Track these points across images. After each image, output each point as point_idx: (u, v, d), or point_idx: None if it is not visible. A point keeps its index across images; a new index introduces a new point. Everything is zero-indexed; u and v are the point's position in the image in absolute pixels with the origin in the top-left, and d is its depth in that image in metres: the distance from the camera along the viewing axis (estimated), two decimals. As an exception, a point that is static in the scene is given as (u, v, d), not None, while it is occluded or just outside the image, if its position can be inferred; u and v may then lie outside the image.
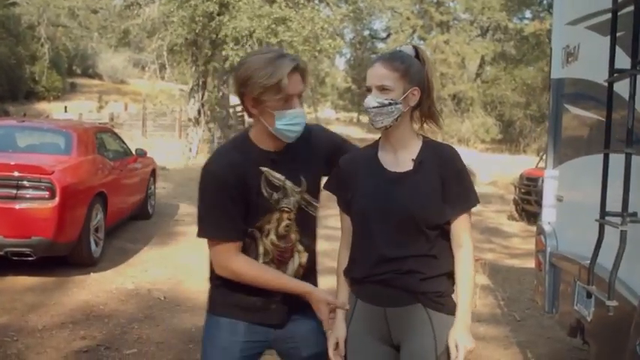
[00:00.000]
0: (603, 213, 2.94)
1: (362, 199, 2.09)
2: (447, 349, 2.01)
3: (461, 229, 2.09)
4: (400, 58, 2.04)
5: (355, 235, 2.13)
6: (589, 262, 3.39)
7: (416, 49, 2.10)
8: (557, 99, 4.37)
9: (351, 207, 2.12)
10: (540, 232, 4.43)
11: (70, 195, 5.81)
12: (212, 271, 2.22)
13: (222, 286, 2.20)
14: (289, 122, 2.09)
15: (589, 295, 3.09)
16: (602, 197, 2.93)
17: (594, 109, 3.67)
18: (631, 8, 2.73)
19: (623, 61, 2.95)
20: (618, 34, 3.05)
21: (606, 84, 3.07)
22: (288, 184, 2.15)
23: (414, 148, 2.10)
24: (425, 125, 2.16)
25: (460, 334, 2.02)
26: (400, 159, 2.09)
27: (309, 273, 2.25)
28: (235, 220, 2.09)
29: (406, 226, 2.02)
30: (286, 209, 2.15)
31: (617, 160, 2.96)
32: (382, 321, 2.08)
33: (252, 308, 2.14)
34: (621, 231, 2.74)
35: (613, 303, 2.70)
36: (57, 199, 5.62)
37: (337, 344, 2.14)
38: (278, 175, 2.14)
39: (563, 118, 4.32)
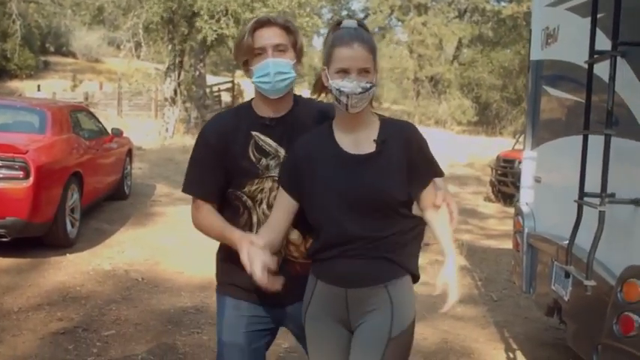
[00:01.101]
0: (582, 194, 2.97)
1: (323, 186, 2.01)
2: (402, 332, 2.01)
3: (431, 194, 2.10)
4: (369, 38, 1.97)
5: (317, 221, 2.04)
6: (567, 242, 3.44)
7: (360, 24, 2.01)
8: (536, 81, 4.39)
9: (309, 195, 2.03)
10: (518, 213, 4.47)
11: (44, 175, 5.71)
12: (219, 248, 2.29)
13: (223, 261, 2.26)
14: (260, 74, 2.09)
15: (567, 275, 3.13)
16: (580, 178, 2.96)
17: (573, 90, 3.69)
18: (613, -10, 2.74)
19: (604, 42, 2.97)
20: (599, 16, 3.06)
21: (586, 65, 3.09)
22: (281, 151, 2.14)
23: (373, 128, 2.05)
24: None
25: (452, 274, 2.05)
26: (361, 140, 2.03)
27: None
28: (208, 179, 2.15)
29: (374, 209, 1.98)
30: (277, 178, 2.13)
31: (596, 141, 2.99)
32: (342, 302, 2.04)
33: (249, 287, 2.11)
34: (600, 211, 2.77)
35: (591, 283, 2.74)
36: (31, 178, 5.52)
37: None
38: (269, 141, 2.14)
39: (541, 99, 4.34)
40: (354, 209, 1.98)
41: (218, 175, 2.14)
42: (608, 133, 2.75)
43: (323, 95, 2.15)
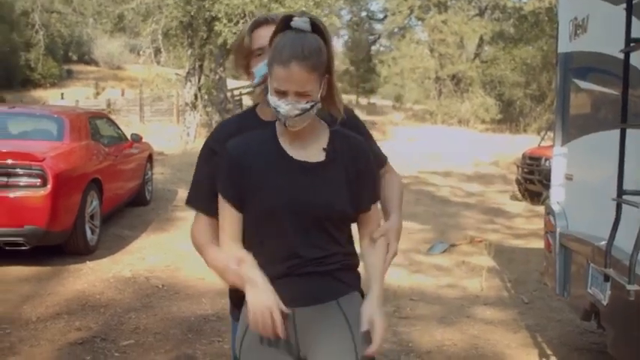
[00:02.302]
0: (620, 191, 2.78)
1: (270, 195, 1.79)
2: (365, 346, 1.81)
3: (371, 222, 1.92)
4: (312, 52, 1.70)
5: (259, 234, 1.83)
6: (604, 243, 3.25)
7: (313, 23, 1.74)
8: (565, 74, 4.20)
9: (252, 204, 1.81)
10: (549, 212, 4.28)
11: (62, 182, 5.65)
12: None
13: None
14: (260, 74, 1.96)
15: (606, 278, 2.94)
16: (619, 175, 2.78)
17: (607, 82, 3.50)
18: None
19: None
20: (634, 1, 2.88)
21: (621, 55, 2.91)
22: None
23: (322, 136, 1.86)
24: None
25: (376, 308, 1.82)
26: (308, 147, 1.84)
27: None
28: (207, 193, 1.95)
29: (323, 221, 1.80)
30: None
31: (634, 135, 2.81)
32: (289, 325, 1.79)
33: None
34: (641, 210, 2.58)
35: (634, 287, 2.55)
36: (49, 186, 5.46)
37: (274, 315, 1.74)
38: None
39: (571, 93, 4.15)
40: (301, 221, 1.78)
41: None
42: (647, 125, 2.57)
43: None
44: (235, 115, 2.20)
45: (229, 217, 1.84)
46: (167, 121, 23.09)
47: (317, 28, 1.75)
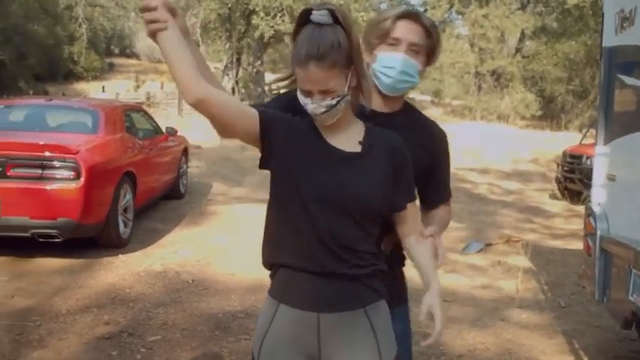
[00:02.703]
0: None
1: (300, 176, 1.71)
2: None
3: (411, 217, 1.84)
4: (330, 48, 1.62)
5: (282, 218, 1.75)
6: (647, 248, 3.10)
7: (333, 14, 1.64)
8: (610, 69, 4.01)
9: (281, 182, 1.74)
10: (590, 213, 4.11)
11: (96, 175, 5.67)
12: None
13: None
14: (385, 64, 1.94)
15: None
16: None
17: (654, 79, 3.32)
18: None
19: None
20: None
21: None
22: None
23: (358, 130, 1.80)
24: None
25: (437, 299, 1.74)
26: (344, 138, 1.77)
27: None
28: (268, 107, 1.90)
29: (353, 214, 1.71)
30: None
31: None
32: (312, 331, 1.72)
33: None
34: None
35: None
36: (82, 179, 5.47)
37: None
38: None
39: (615, 90, 3.96)
40: (331, 210, 1.69)
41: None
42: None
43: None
44: None
45: (244, 114, 1.71)
46: (204, 114, 23.19)
47: (337, 19, 1.66)
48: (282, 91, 2.02)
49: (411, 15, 1.96)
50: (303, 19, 1.68)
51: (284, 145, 1.73)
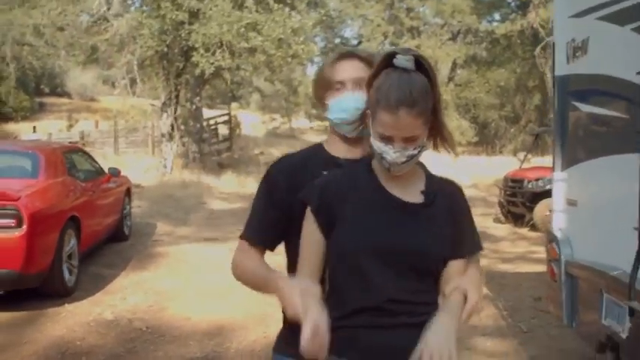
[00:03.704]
0: (643, 220, 2.63)
1: (361, 234, 1.63)
2: None
3: (458, 273, 1.70)
4: (420, 95, 1.57)
5: (344, 276, 1.65)
6: (619, 272, 3.11)
7: (418, 60, 1.60)
8: (563, 97, 4.08)
9: (340, 241, 1.65)
10: (552, 239, 4.12)
11: (38, 222, 5.37)
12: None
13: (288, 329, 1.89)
14: (337, 109, 1.85)
15: (631, 312, 2.77)
16: (640, 203, 2.62)
17: (612, 105, 3.38)
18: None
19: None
20: (638, 24, 2.78)
21: (629, 77, 2.79)
22: None
23: (419, 178, 1.74)
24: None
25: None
26: (406, 188, 1.69)
27: None
28: (267, 224, 1.87)
29: (419, 267, 1.63)
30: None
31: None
32: None
33: None
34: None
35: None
36: (24, 227, 5.18)
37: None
38: None
39: (570, 117, 4.03)
40: (394, 266, 1.60)
41: (283, 217, 1.85)
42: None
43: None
44: (300, 150, 2.04)
45: (313, 245, 1.69)
46: (142, 152, 22.74)
47: (421, 66, 1.60)
48: (219, 124, 1.95)
49: (345, 54, 1.91)
50: (385, 64, 1.62)
51: (343, 215, 1.67)
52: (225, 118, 25.31)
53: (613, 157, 3.33)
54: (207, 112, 25.52)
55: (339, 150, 1.88)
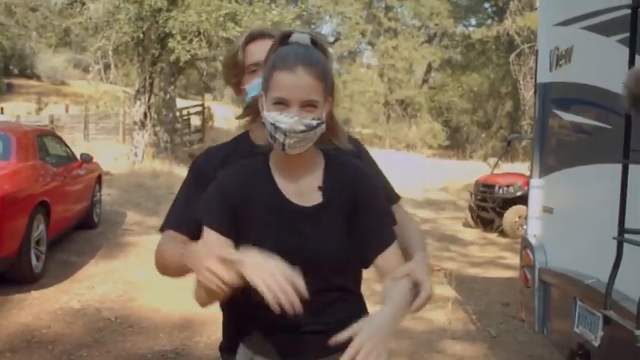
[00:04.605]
0: (622, 229, 2.66)
1: (261, 240, 1.55)
2: None
3: (393, 262, 1.61)
4: (320, 61, 1.52)
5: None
6: (594, 281, 3.15)
7: (314, 40, 1.56)
8: (545, 104, 4.12)
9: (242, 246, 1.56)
10: (526, 245, 4.16)
11: (7, 205, 5.24)
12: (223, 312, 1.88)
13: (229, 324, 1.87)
14: (254, 93, 1.74)
15: (606, 320, 2.80)
16: (620, 213, 2.65)
17: (593, 114, 3.42)
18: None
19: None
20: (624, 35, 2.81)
21: (612, 87, 2.82)
22: None
23: (317, 169, 1.63)
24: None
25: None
26: (303, 186, 1.61)
27: None
28: (190, 214, 1.72)
29: (320, 272, 1.57)
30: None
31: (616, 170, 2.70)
32: None
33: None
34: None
35: (643, 333, 2.42)
36: (-7, 210, 5.05)
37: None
38: None
39: (551, 124, 4.07)
40: (298, 271, 1.50)
41: None
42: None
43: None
44: (229, 140, 1.94)
45: (216, 243, 1.56)
46: (113, 139, 22.42)
47: (318, 45, 1.56)
48: (191, 115, 1.88)
49: (256, 35, 1.84)
50: (281, 43, 1.56)
51: (243, 229, 1.59)
52: (199, 109, 25.11)
53: (592, 166, 3.36)
54: (180, 103, 25.27)
55: (262, 137, 1.73)
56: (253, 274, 1.40)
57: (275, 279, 1.39)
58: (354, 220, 1.60)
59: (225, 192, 1.60)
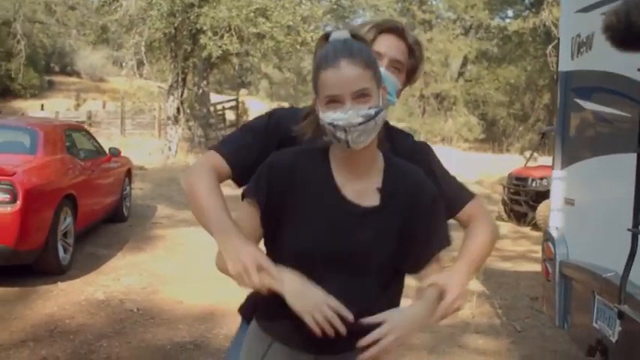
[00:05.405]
0: (637, 221, 2.56)
1: (310, 239, 1.53)
2: None
3: (435, 268, 1.63)
4: (362, 50, 1.49)
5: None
6: (612, 274, 3.05)
7: (352, 34, 1.54)
8: (566, 93, 4.00)
9: (286, 239, 1.55)
10: (548, 238, 4.06)
11: (33, 198, 5.34)
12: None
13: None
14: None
15: (620, 315, 2.71)
16: (635, 204, 2.56)
17: (613, 103, 3.30)
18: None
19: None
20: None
21: (632, 75, 2.72)
22: None
23: (377, 170, 1.59)
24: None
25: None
26: (361, 185, 1.57)
27: None
28: (246, 150, 1.70)
29: (368, 274, 1.55)
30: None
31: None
32: None
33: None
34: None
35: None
36: (19, 202, 5.14)
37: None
38: None
39: (572, 114, 3.95)
40: (346, 273, 1.52)
41: (258, 158, 1.66)
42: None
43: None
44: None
45: (249, 216, 1.57)
46: (148, 134, 22.75)
47: (357, 37, 1.54)
48: (226, 110, 1.84)
49: (397, 29, 1.79)
50: (322, 44, 1.55)
51: (289, 218, 1.55)
52: (233, 103, 25.27)
53: (612, 156, 3.25)
54: (215, 97, 25.47)
55: None
56: (298, 305, 1.43)
57: (321, 311, 1.41)
58: (407, 228, 1.58)
59: (277, 174, 1.55)
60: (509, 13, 33.95)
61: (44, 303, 5.19)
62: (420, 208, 1.59)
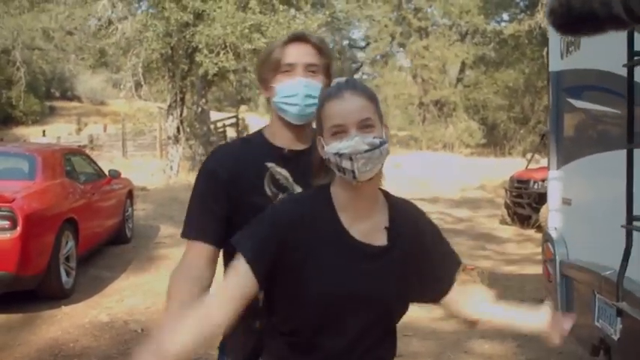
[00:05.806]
0: (630, 218, 2.55)
1: (328, 282, 1.50)
2: None
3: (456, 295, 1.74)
4: (363, 85, 1.56)
5: (312, 326, 1.54)
6: (611, 272, 3.03)
7: (351, 82, 1.60)
8: (558, 93, 4.01)
9: (303, 287, 1.51)
10: (547, 239, 4.05)
11: (34, 223, 5.36)
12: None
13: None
14: (286, 93, 1.78)
15: (619, 312, 2.70)
16: (627, 200, 2.55)
17: (604, 101, 3.31)
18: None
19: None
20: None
21: (621, 71, 2.72)
22: (297, 189, 1.77)
23: (382, 209, 1.60)
24: None
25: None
26: (368, 224, 1.56)
27: None
28: (213, 220, 1.76)
29: (383, 315, 1.57)
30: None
31: (638, 157, 2.59)
32: None
33: None
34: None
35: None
36: (19, 228, 5.17)
37: None
38: (286, 174, 1.78)
39: (565, 114, 3.96)
40: (361, 315, 1.53)
41: (226, 212, 1.76)
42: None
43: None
44: (238, 138, 1.99)
45: (239, 285, 1.50)
46: (150, 155, 22.80)
47: (358, 82, 1.58)
48: (227, 127, 1.90)
49: (298, 36, 1.84)
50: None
51: (300, 269, 1.52)
52: (233, 120, 25.33)
53: (606, 153, 3.25)
54: (215, 115, 25.53)
55: (283, 139, 1.81)
56: None
57: None
58: (419, 262, 1.61)
59: (278, 223, 1.53)
60: (505, 16, 34.06)
61: (48, 328, 5.19)
62: (426, 239, 1.64)
